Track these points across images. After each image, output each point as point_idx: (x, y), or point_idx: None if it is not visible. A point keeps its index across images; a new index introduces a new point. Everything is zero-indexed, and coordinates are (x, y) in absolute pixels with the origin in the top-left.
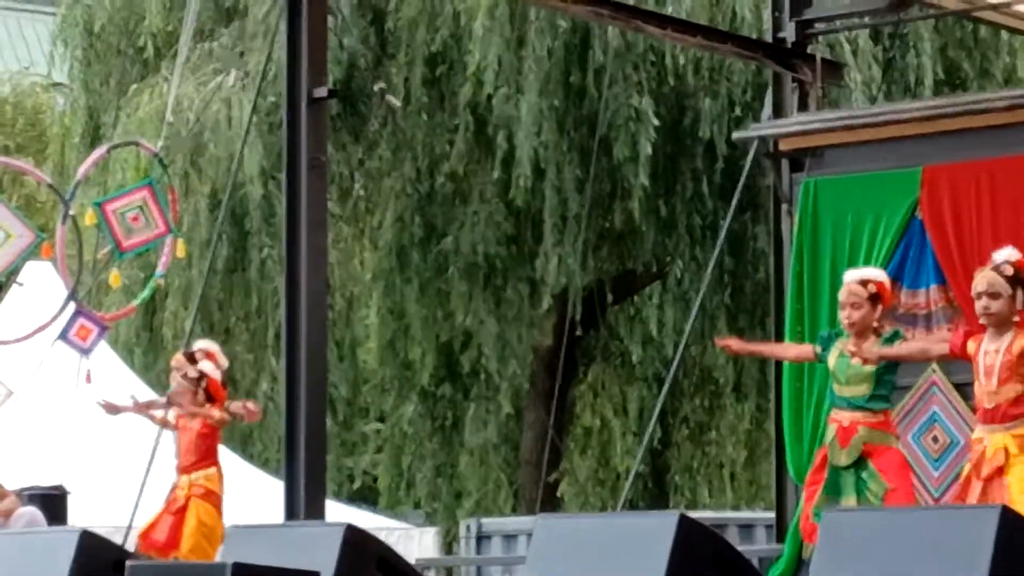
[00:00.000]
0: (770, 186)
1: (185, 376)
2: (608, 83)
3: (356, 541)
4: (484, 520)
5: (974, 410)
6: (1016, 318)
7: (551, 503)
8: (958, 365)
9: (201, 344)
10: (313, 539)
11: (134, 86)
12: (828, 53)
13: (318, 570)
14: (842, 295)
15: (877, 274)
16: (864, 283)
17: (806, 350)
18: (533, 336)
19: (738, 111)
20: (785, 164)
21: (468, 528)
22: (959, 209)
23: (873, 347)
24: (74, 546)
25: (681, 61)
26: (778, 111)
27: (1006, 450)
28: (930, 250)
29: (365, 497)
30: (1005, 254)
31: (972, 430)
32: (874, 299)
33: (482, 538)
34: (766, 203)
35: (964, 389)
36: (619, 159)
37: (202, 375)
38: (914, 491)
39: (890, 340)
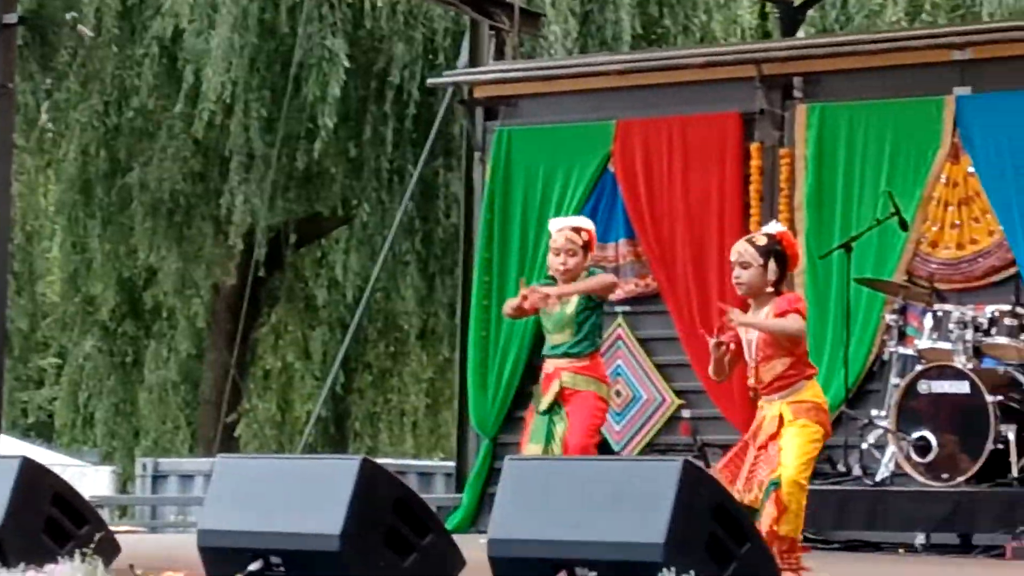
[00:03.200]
0: (463, 133)
1: None
2: (303, 22)
3: (31, 475)
4: (161, 460)
5: (657, 366)
6: (770, 289)
7: (229, 444)
8: (643, 320)
9: None
10: None
11: None
12: (526, 3)
13: None
14: (557, 242)
15: (588, 222)
16: (578, 231)
17: None
18: (216, 275)
19: (437, 57)
20: (479, 112)
21: (144, 467)
22: (651, 164)
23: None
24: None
25: (379, 3)
26: (474, 59)
27: (781, 417)
28: (621, 204)
29: (40, 433)
30: (767, 227)
31: (655, 385)
32: (586, 248)
33: (158, 478)
34: (459, 150)
35: (648, 344)
36: (309, 99)
37: None
38: (596, 433)
39: None
